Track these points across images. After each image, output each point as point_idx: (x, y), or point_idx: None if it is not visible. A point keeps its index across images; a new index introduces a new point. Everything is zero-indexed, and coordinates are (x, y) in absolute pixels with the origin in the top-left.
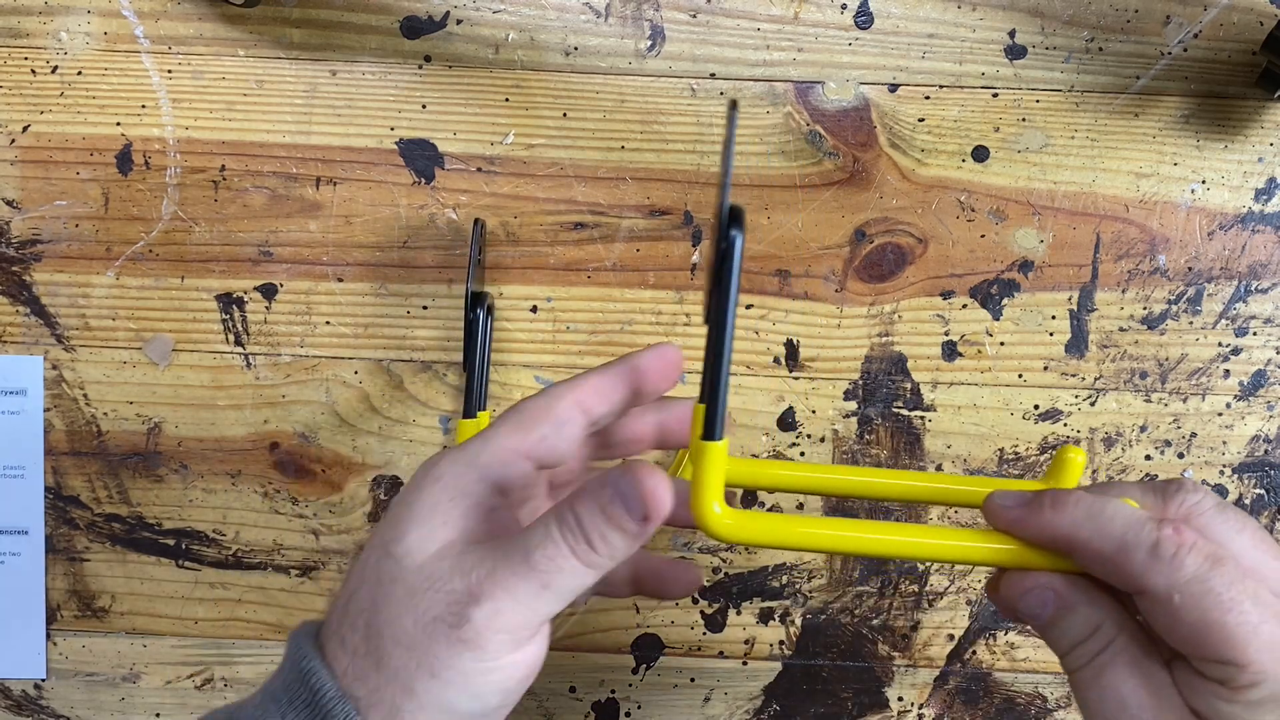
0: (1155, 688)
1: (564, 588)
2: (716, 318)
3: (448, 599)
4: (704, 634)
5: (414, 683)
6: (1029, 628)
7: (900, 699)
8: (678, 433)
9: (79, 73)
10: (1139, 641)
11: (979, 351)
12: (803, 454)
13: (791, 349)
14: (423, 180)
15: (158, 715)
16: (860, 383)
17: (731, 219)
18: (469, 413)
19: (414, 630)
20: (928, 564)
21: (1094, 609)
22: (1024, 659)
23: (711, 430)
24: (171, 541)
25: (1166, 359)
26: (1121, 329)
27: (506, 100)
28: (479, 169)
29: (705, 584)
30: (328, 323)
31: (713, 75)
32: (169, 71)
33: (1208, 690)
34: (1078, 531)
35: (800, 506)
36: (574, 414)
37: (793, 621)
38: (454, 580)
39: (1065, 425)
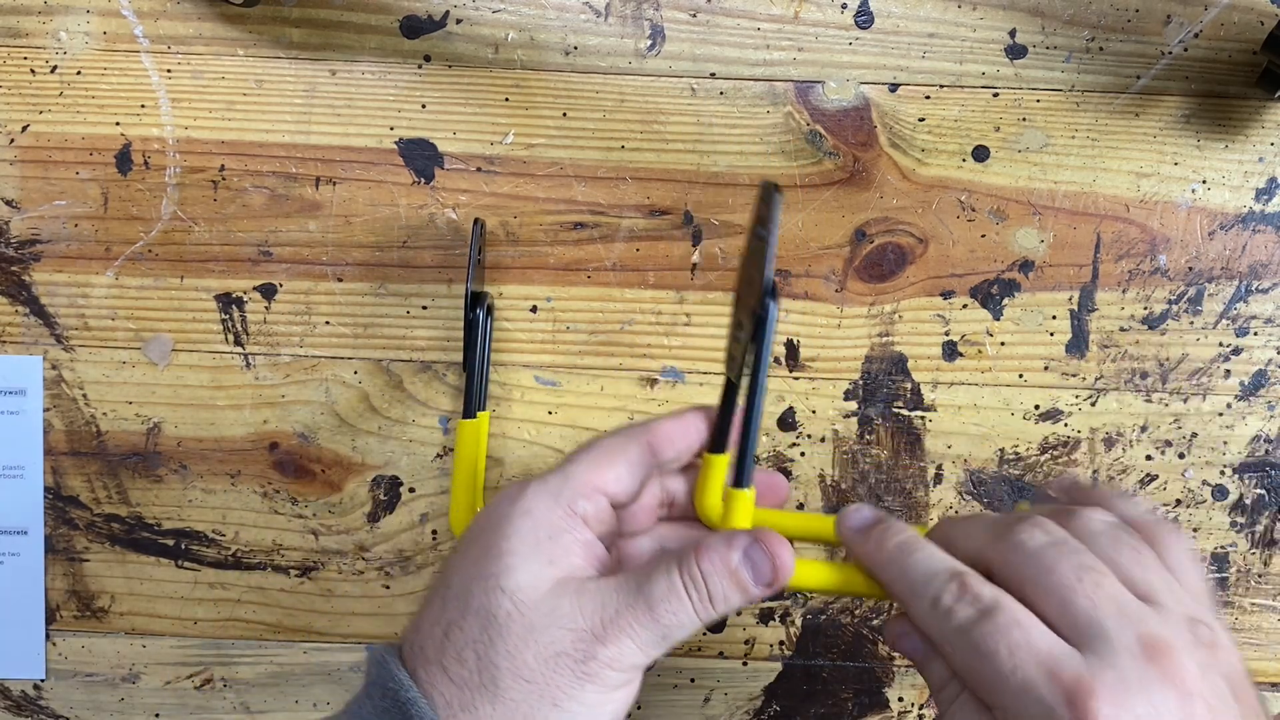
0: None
1: (677, 637)
2: (753, 379)
3: (573, 636)
4: (704, 634)
5: (535, 713)
6: None
7: (900, 699)
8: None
9: (78, 72)
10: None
11: (979, 351)
12: (803, 454)
13: (792, 349)
14: (422, 180)
15: (157, 715)
16: (860, 383)
17: (770, 291)
18: (469, 413)
19: (535, 664)
20: None
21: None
22: None
23: (742, 479)
24: (171, 542)
25: (1167, 359)
26: (1122, 329)
27: (506, 100)
28: (479, 169)
29: None
30: (327, 323)
31: (713, 75)
32: (168, 71)
33: None
34: (886, 570)
35: (800, 506)
36: (645, 456)
37: (793, 622)
38: (578, 619)
39: (1066, 425)
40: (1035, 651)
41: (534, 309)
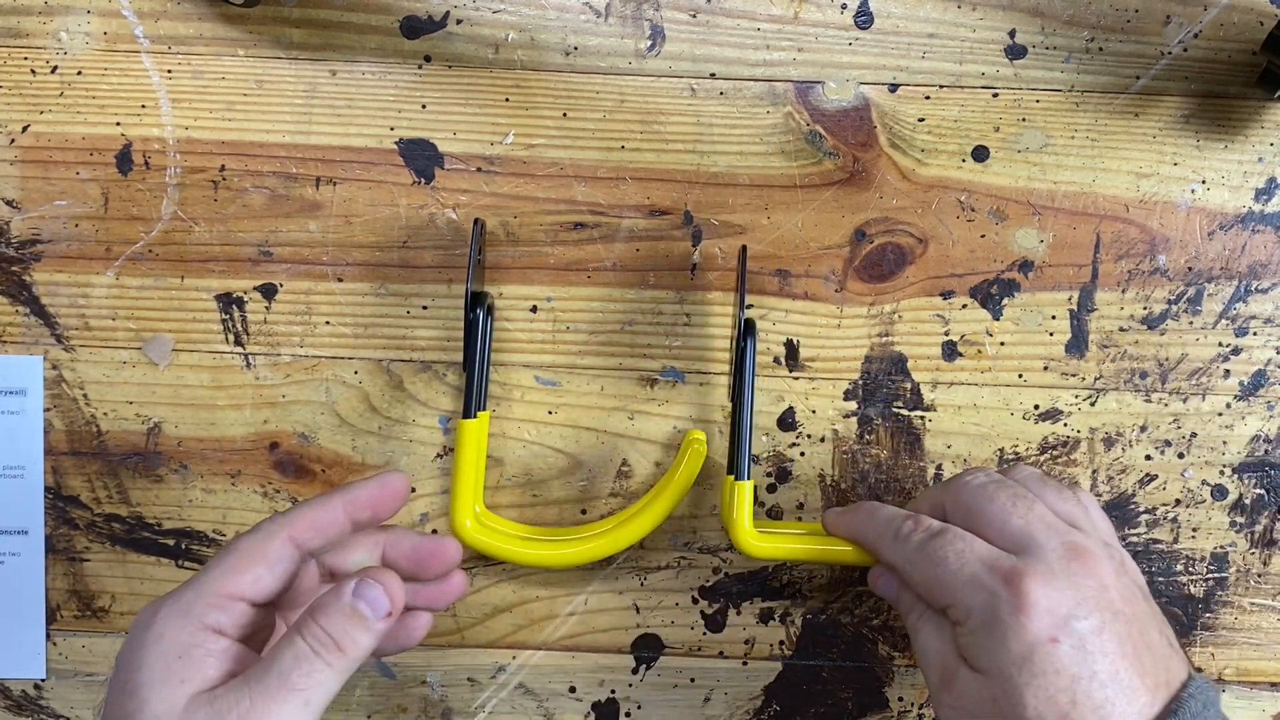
0: (944, 639)
1: (322, 698)
2: (736, 398)
3: None
4: (704, 634)
5: None
6: None
7: (900, 699)
8: (404, 567)
9: (79, 73)
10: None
11: (979, 351)
12: (802, 454)
13: (791, 349)
14: (423, 180)
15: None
16: (860, 383)
17: (746, 330)
18: (469, 413)
19: None
20: None
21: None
22: None
23: (739, 474)
24: (171, 541)
25: (1166, 359)
26: (1121, 329)
27: (506, 100)
28: (479, 169)
29: (706, 584)
30: (328, 323)
31: (713, 75)
32: (169, 71)
33: (955, 632)
34: (857, 529)
35: (800, 506)
36: (287, 551)
37: (793, 621)
38: None
39: (1065, 425)
40: (977, 554)
41: (534, 309)
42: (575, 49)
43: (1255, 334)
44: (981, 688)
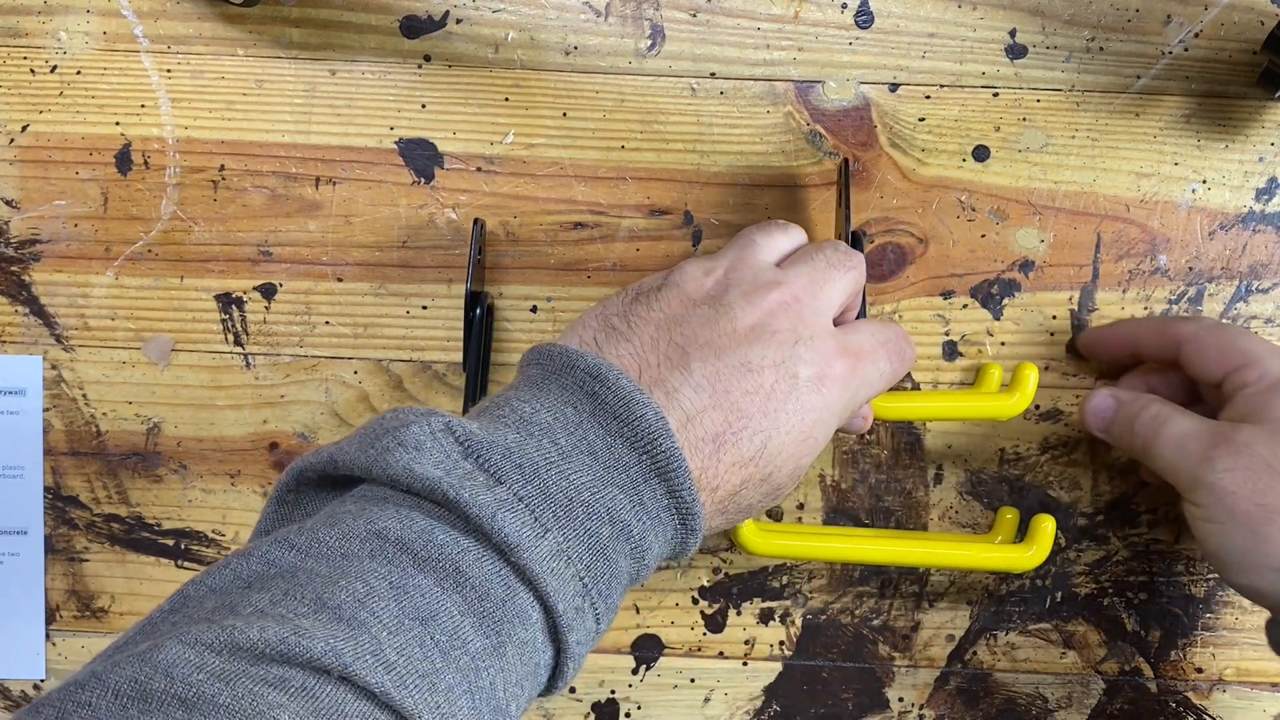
0: (1199, 419)
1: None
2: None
3: None
4: (704, 634)
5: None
6: (1029, 627)
7: (900, 699)
8: None
9: (78, 72)
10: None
11: (979, 351)
12: None
13: None
14: (422, 180)
15: None
16: None
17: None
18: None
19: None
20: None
21: (1141, 395)
22: (1024, 659)
23: None
24: (171, 542)
25: None
26: None
27: (506, 100)
28: (479, 169)
29: (706, 584)
30: (327, 323)
31: (713, 75)
32: (168, 71)
33: (1237, 398)
34: (1133, 327)
35: (800, 506)
36: None
37: (793, 622)
38: None
39: (1066, 425)
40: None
41: (534, 309)
42: (575, 49)
43: (1256, 334)
44: (1272, 435)
